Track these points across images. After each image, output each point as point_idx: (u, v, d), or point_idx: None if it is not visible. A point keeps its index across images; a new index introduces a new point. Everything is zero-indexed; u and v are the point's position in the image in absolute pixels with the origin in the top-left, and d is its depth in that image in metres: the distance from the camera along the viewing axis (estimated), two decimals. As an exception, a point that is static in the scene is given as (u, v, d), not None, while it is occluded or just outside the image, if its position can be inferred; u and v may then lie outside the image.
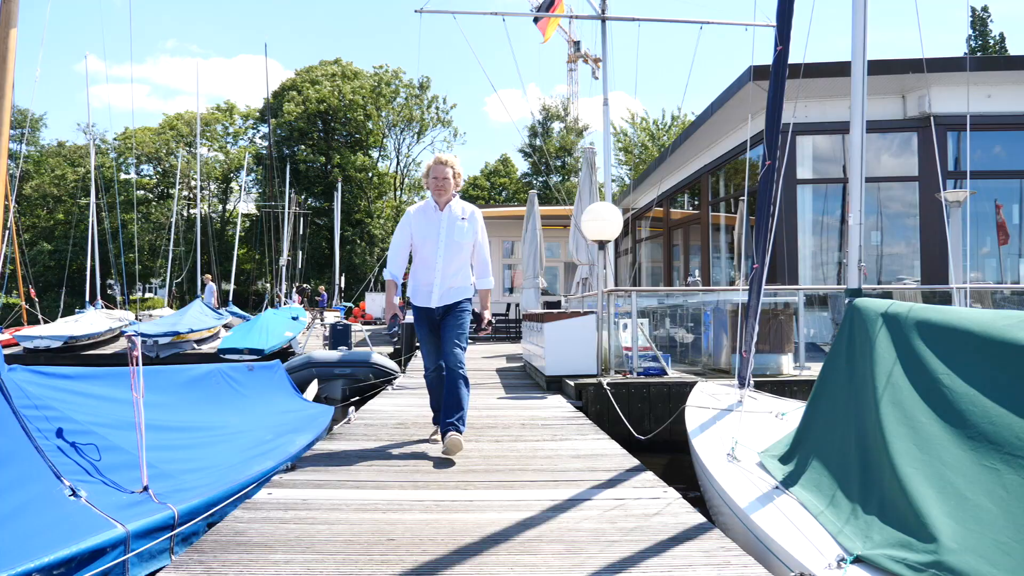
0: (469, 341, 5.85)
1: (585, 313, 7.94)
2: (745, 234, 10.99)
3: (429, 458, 4.42)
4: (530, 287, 13.46)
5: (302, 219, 36.96)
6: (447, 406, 4.51)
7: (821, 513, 2.68)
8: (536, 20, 12.64)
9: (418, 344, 5.83)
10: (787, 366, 7.30)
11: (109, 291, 27.11)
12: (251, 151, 47.69)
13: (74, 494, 2.96)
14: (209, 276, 23.77)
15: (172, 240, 29.93)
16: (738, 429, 4.00)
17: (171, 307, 29.22)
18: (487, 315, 4.86)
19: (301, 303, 25.68)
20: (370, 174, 48.42)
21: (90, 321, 17.49)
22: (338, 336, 11.15)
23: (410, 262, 4.93)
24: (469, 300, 4.79)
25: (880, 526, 2.37)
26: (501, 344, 16.21)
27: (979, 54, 30.45)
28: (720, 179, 14.76)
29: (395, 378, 9.36)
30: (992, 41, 33.74)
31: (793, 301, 7.95)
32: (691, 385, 5.88)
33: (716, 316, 8.22)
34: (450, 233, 4.68)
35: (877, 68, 9.62)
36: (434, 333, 4.76)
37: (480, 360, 11.89)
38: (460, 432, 4.47)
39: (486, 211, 24.41)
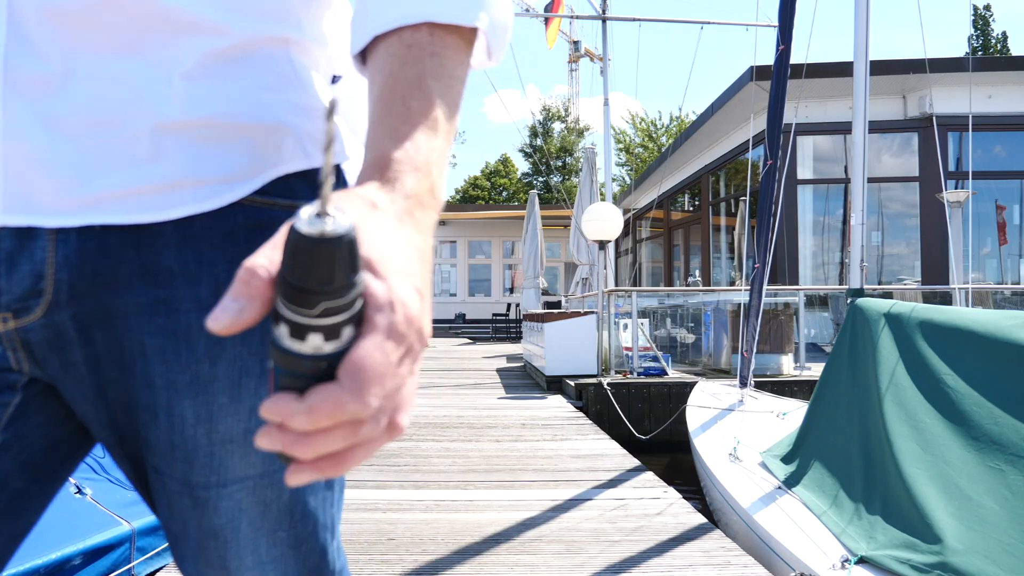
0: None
1: (585, 313, 7.95)
2: (746, 234, 11.01)
3: (430, 457, 4.43)
4: (531, 287, 13.47)
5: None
6: None
7: (824, 513, 2.69)
8: (546, 20, 12.64)
9: None
10: (787, 366, 7.30)
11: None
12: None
13: (79, 491, 2.96)
14: None
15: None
16: (740, 429, 4.00)
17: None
18: (377, 286, 0.37)
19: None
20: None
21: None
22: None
23: None
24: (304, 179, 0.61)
25: (884, 526, 2.38)
26: (501, 344, 16.21)
27: (980, 53, 30.45)
28: (720, 179, 14.75)
29: None
30: (994, 40, 33.70)
31: (793, 301, 7.96)
32: (691, 385, 5.88)
33: (716, 316, 8.23)
34: None
35: (878, 68, 9.61)
36: None
37: (480, 360, 11.89)
38: None
39: (487, 212, 24.22)
